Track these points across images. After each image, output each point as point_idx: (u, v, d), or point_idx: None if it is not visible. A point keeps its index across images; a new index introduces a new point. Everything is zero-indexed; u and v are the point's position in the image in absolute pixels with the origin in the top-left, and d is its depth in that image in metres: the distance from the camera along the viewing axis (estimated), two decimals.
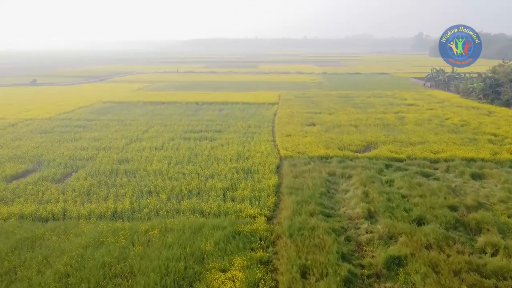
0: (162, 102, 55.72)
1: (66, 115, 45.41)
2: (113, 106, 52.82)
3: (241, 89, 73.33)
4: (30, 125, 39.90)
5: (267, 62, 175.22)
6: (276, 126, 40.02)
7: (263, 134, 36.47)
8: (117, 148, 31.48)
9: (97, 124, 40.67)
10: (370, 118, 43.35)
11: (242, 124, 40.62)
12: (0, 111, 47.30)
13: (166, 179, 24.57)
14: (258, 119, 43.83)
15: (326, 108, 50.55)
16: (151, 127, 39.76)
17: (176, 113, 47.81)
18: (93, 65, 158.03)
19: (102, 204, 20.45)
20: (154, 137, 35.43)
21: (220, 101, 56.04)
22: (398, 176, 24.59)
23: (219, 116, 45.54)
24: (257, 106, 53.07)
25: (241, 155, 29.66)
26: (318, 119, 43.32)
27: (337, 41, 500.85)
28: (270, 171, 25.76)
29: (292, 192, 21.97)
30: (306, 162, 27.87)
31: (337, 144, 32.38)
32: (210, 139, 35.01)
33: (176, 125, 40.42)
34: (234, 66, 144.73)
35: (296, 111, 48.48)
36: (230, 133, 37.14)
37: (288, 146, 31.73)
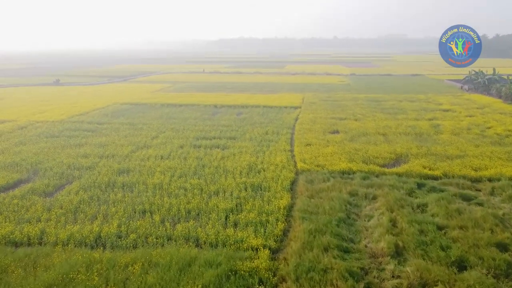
0: (179, 105, 53.53)
1: (79, 118, 43.85)
2: (129, 108, 51.04)
3: (264, 90, 70.35)
4: (39, 128, 38.44)
5: (294, 63, 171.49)
6: (296, 133, 36.78)
7: (280, 142, 33.34)
8: (121, 156, 29.20)
9: (107, 128, 38.74)
10: (400, 126, 39.34)
11: (259, 131, 37.62)
12: (15, 112, 46.37)
13: (165, 195, 21.92)
14: (278, 125, 40.70)
15: (352, 113, 46.77)
16: (162, 132, 37.41)
17: (192, 116, 45.38)
18: (120, 64, 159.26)
19: (86, 226, 17.97)
20: (162, 144, 33.00)
21: (240, 104, 53.26)
22: (432, 199, 20.90)
23: (236, 121, 42.73)
24: (278, 110, 49.92)
25: (253, 167, 26.68)
26: (343, 126, 39.71)
27: (368, 41, 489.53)
28: (283, 189, 22.63)
29: (305, 217, 18.77)
30: (325, 178, 24.53)
31: (361, 156, 28.82)
32: (223, 147, 32.23)
33: (189, 131, 37.89)
34: (261, 66, 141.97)
35: (320, 116, 44.99)
36: (245, 140, 34.23)
37: (306, 158, 28.46)
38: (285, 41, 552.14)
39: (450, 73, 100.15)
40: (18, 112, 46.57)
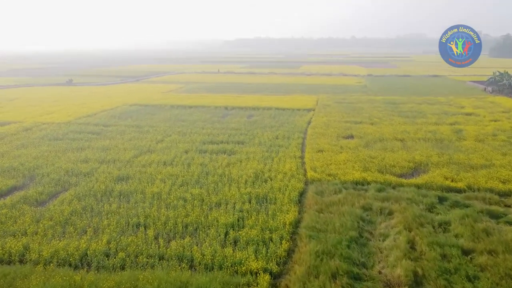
0: (189, 106, 52.20)
1: (86, 119, 42.89)
2: (138, 109, 49.96)
3: (277, 91, 68.53)
4: (43, 130, 37.55)
5: (310, 63, 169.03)
6: (308, 138, 34.90)
7: (291, 148, 31.52)
8: (122, 162, 27.86)
9: (112, 131, 37.59)
10: (419, 131, 37.03)
11: (269, 135, 35.87)
12: (23, 113, 45.76)
13: (162, 206, 20.40)
14: (289, 128, 38.87)
15: (368, 116, 44.57)
16: (168, 135, 36.03)
17: (201, 119, 43.92)
18: (135, 64, 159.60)
19: (73, 242, 16.55)
20: (167, 148, 31.58)
21: (251, 106, 51.59)
22: (456, 216, 18.81)
23: (245, 124, 41.07)
24: (290, 112, 48.05)
25: (259, 175, 24.96)
26: (358, 130, 37.62)
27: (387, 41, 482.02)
28: (290, 201, 20.85)
29: (312, 236, 16.96)
30: (336, 189, 22.64)
31: (377, 165, 26.77)
32: (229, 152, 30.62)
33: (196, 134, 36.42)
34: (276, 67, 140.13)
35: (334, 119, 42.96)
36: (254, 145, 32.54)
37: (317, 166, 26.58)
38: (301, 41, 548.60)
39: (473, 74, 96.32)
40: (26, 113, 45.95)
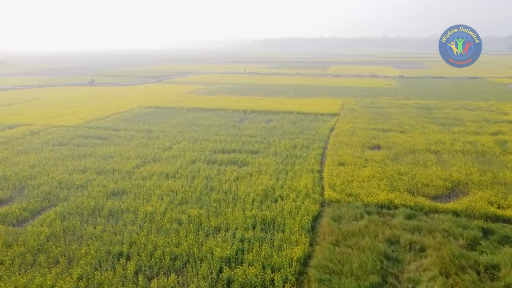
0: (206, 109, 49.72)
1: (97, 123, 41.12)
2: (153, 112, 47.91)
3: (301, 94, 65.12)
4: (51, 134, 35.92)
5: (339, 63, 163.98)
6: (329, 147, 31.53)
7: (309, 160, 28.29)
8: (121, 173, 25.50)
9: (120, 136, 35.49)
10: (457, 142, 32.89)
11: (287, 143, 32.74)
12: (34, 115, 44.59)
13: (153, 230, 17.74)
14: (309, 136, 35.58)
15: (398, 123, 40.59)
16: (177, 142, 33.54)
17: (216, 123, 41.27)
18: (161, 64, 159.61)
19: (39, 277, 14.11)
20: (173, 157, 29.04)
21: (271, 110, 48.53)
22: (506, 257, 15.14)
23: (263, 130, 38.08)
24: (313, 117, 44.67)
25: (269, 194, 21.95)
26: (386, 139, 33.87)
27: (420, 40, 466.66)
28: (302, 228, 17.73)
29: (323, 280, 13.81)
30: (357, 213, 19.30)
31: (407, 183, 23.16)
32: (240, 163, 27.76)
33: (208, 141, 33.76)
34: (303, 67, 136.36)
35: (360, 126, 39.28)
36: (268, 155, 29.53)
37: (337, 183, 23.27)
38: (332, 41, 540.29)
39: None
40: (38, 115, 44.76)
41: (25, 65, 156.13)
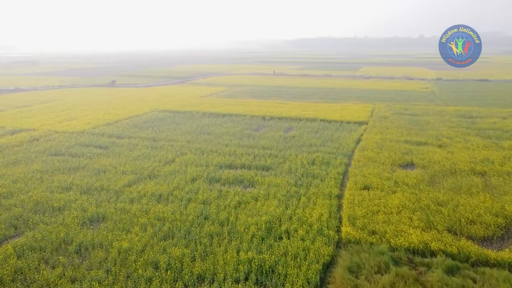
0: (223, 114, 46.24)
1: (103, 128, 38.46)
2: (166, 117, 44.91)
3: (327, 98, 60.51)
4: (50, 142, 33.45)
5: (371, 64, 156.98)
6: (353, 165, 27.20)
7: (328, 180, 24.13)
8: (109, 192, 22.31)
9: (123, 145, 32.53)
10: (508, 160, 27.71)
11: (305, 158, 28.67)
12: (42, 120, 42.55)
13: (120, 278, 14.26)
14: (332, 149, 31.32)
15: (436, 135, 35.54)
16: (182, 154, 30.16)
17: (230, 131, 37.66)
18: (187, 64, 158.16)
19: None
20: (173, 173, 25.64)
21: (293, 116, 44.40)
22: None
23: (280, 141, 34.12)
24: (338, 126, 40.24)
25: (274, 227, 18.08)
26: (421, 155, 29.12)
27: None
28: (307, 282, 13.76)
29: None
30: (382, 263, 15.07)
31: (447, 218, 18.63)
32: (247, 183, 24.01)
33: (216, 154, 30.18)
34: (333, 68, 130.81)
35: (390, 138, 34.58)
36: (281, 173, 25.60)
37: (358, 215, 19.06)
38: (365, 41, 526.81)
39: None
40: (45, 120, 42.69)
41: (55, 65, 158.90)
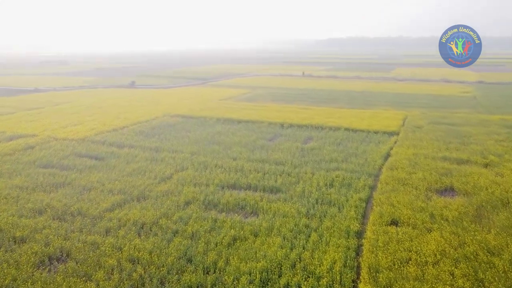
0: (238, 121, 42.55)
1: (106, 136, 35.60)
2: (176, 123, 41.69)
3: (355, 103, 55.68)
4: (45, 150, 30.81)
5: (405, 65, 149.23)
6: (380, 188, 22.80)
7: (346, 209, 19.94)
8: (86, 218, 19.05)
9: (121, 156, 29.42)
10: None
11: (322, 178, 24.52)
12: (45, 124, 40.20)
13: None
14: (355, 166, 26.96)
15: (480, 150, 30.41)
16: (182, 169, 26.66)
17: (242, 142, 33.89)
18: (215, 64, 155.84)
19: None
20: (165, 194, 22.17)
21: (314, 124, 40.10)
22: None
23: (296, 154, 30.05)
24: (364, 136, 35.70)
25: (271, 279, 14.21)
26: (463, 177, 24.28)
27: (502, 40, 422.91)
28: None
29: None
30: None
31: (502, 278, 14.05)
32: (249, 210, 20.24)
33: (221, 169, 26.51)
34: (363, 69, 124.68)
35: (425, 153, 29.79)
36: (292, 198, 21.63)
37: (382, 265, 14.80)
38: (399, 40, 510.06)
39: None
40: (51, 124, 40.39)
41: (82, 65, 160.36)
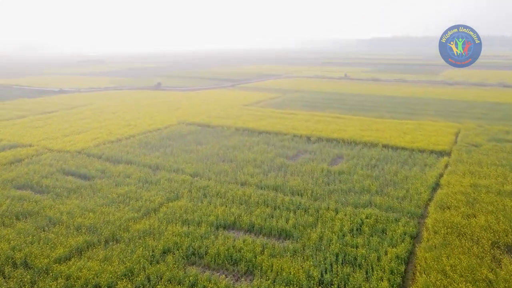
0: (259, 132, 37.37)
1: (104, 148, 31.59)
2: (189, 132, 37.15)
3: (397, 112, 48.77)
4: (32, 165, 27.19)
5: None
6: (425, 240, 16.89)
7: (376, 277, 14.40)
8: (31, 270, 14.63)
9: (112, 175, 25.19)
10: None
11: (348, 218, 18.89)
12: (47, 132, 37.04)
13: None
14: (392, 201, 21.02)
15: None
16: (176, 197, 21.90)
17: (257, 160, 28.70)
18: (250, 65, 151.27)
19: None
20: (143, 236, 17.52)
21: (346, 139, 34.13)
22: None
23: (319, 180, 24.46)
24: (406, 156, 29.43)
25: None
26: None
27: None
28: None
29: None
30: None
31: None
32: (243, 268, 15.19)
33: (222, 199, 21.52)
34: (408, 71, 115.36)
35: (487, 184, 23.24)
36: (304, 249, 16.35)
37: None
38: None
39: None
40: (53, 132, 37.14)
41: (117, 65, 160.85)
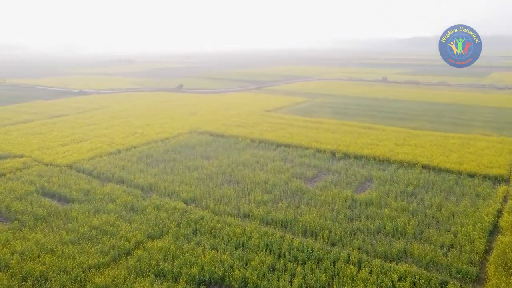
0: (277, 144, 32.74)
1: (97, 161, 27.95)
2: (198, 143, 33.07)
3: (441, 121, 42.62)
4: (10, 182, 23.90)
5: (505, 68, 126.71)
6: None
7: None
8: None
9: (94, 199, 21.45)
10: None
11: (373, 279, 13.92)
12: (43, 140, 34.13)
13: None
14: (436, 250, 15.91)
15: None
16: (159, 235, 17.67)
17: (269, 182, 24.14)
18: (280, 65, 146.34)
19: None
20: None
21: (378, 156, 28.86)
22: None
23: (341, 213, 19.58)
24: (453, 181, 23.94)
25: None
26: None
27: None
28: None
29: None
30: None
31: None
32: None
33: (215, 240, 17.18)
34: (451, 73, 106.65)
35: None
36: None
37: None
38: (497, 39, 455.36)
39: None
40: (51, 140, 34.16)
41: (145, 64, 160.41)
